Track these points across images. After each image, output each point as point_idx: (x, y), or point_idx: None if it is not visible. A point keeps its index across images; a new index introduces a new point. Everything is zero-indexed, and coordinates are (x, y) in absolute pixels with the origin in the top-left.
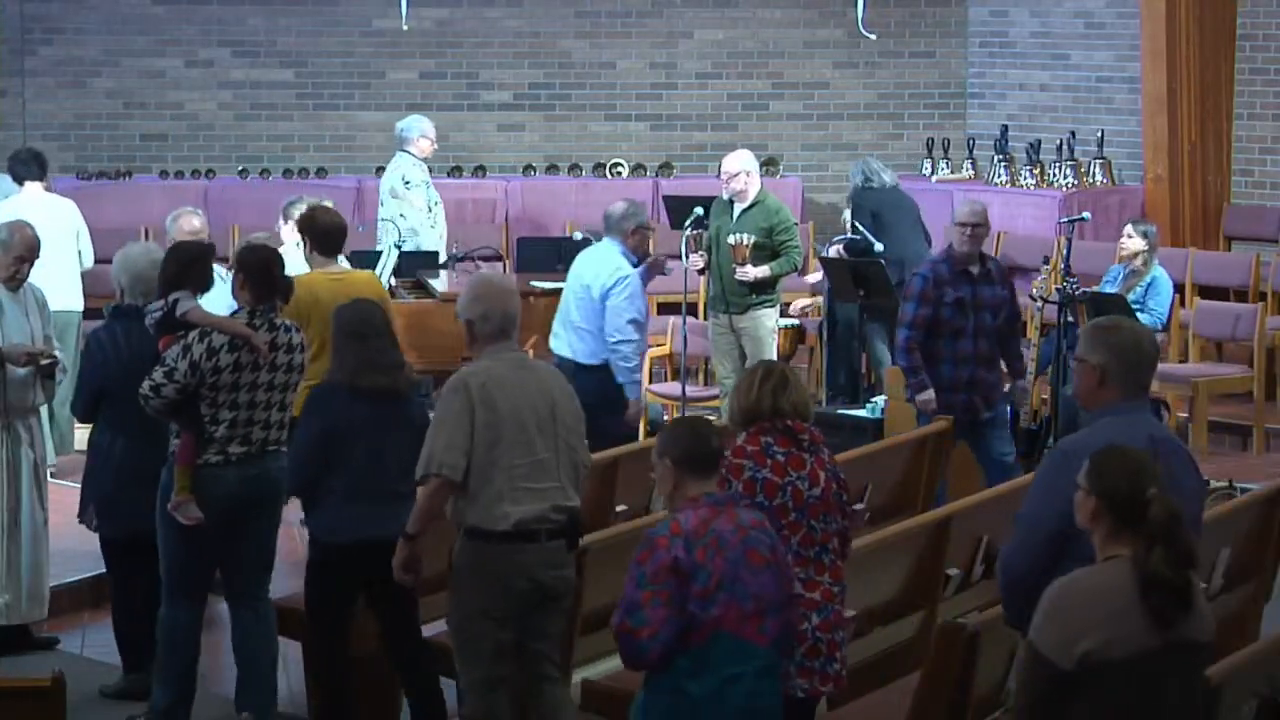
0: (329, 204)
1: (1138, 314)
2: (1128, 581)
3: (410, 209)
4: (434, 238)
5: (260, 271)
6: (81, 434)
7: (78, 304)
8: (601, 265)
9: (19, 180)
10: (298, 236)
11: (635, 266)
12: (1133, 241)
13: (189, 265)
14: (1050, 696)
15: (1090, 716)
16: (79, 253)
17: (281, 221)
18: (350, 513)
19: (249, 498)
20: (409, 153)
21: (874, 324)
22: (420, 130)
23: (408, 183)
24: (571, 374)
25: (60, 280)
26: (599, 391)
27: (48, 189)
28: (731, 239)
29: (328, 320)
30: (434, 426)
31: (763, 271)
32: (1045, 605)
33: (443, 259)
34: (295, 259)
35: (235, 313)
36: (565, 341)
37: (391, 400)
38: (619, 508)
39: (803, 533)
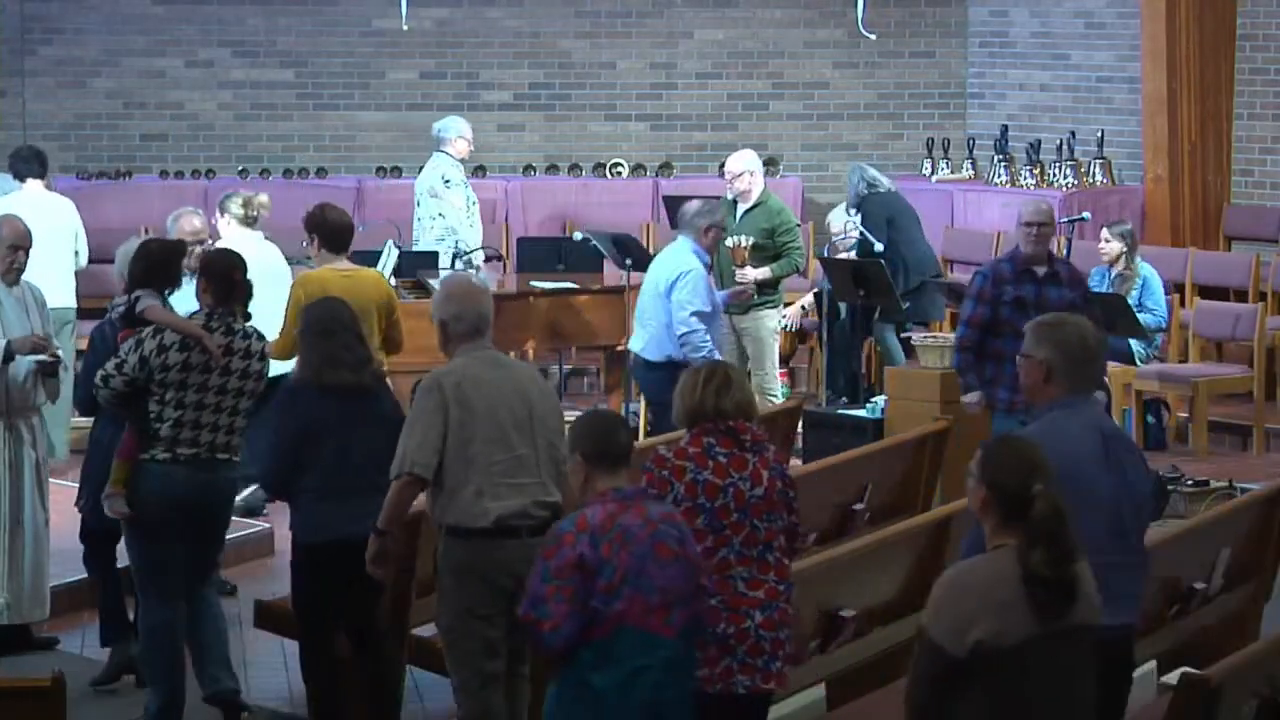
0: (264, 198)
1: (1139, 315)
2: (1013, 571)
3: (449, 208)
4: (473, 236)
5: (222, 276)
6: (79, 434)
7: (72, 301)
8: (670, 262)
9: (19, 178)
10: (234, 230)
11: (707, 265)
12: (1111, 245)
13: (157, 264)
14: (944, 684)
15: (984, 703)
16: (75, 252)
17: (218, 214)
18: (325, 511)
19: (196, 502)
20: (446, 153)
21: (885, 324)
22: (458, 131)
23: (447, 182)
24: (642, 370)
25: (56, 278)
26: (661, 388)
27: (48, 187)
28: (730, 241)
29: None
30: (407, 426)
31: (763, 273)
32: (937, 594)
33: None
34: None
35: (194, 314)
36: (638, 337)
37: (359, 396)
38: None
39: (746, 532)
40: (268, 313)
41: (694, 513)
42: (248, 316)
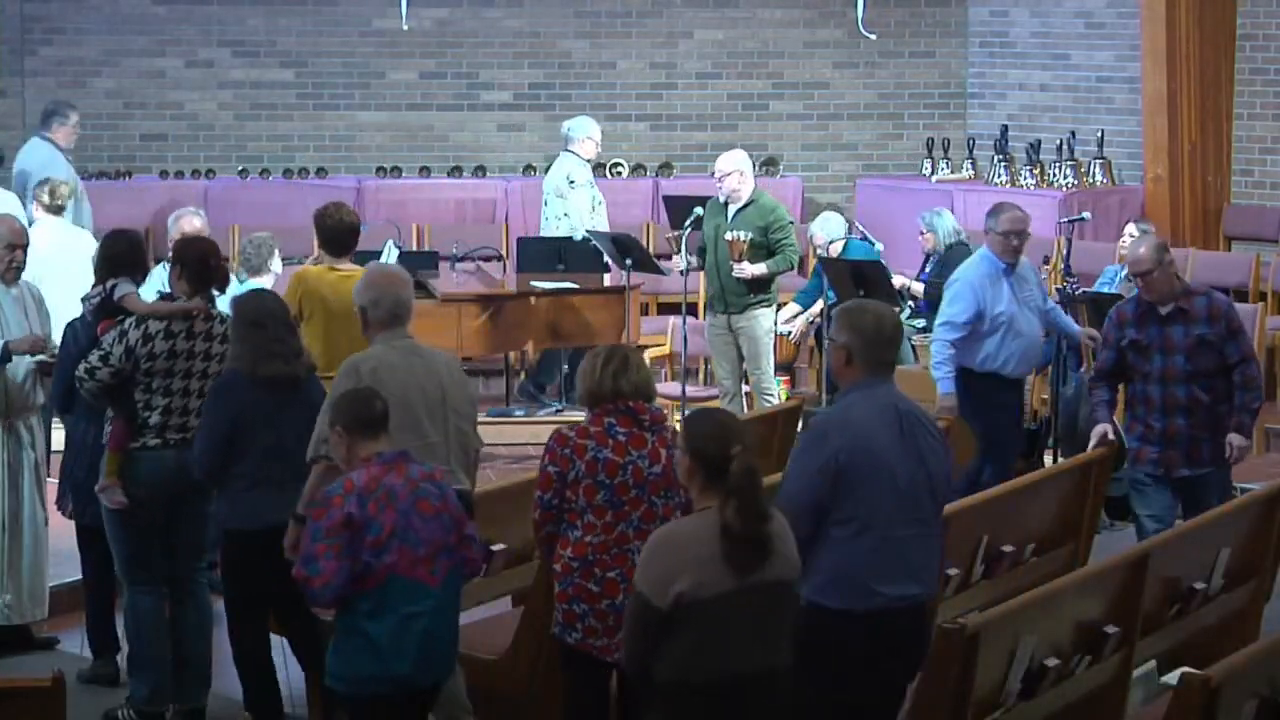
0: (66, 187)
1: None
2: (714, 530)
3: (574, 209)
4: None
5: (197, 263)
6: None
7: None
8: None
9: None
10: (41, 215)
11: (1005, 270)
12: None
13: (124, 253)
14: (651, 632)
15: (685, 650)
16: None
17: (32, 202)
18: (255, 499)
19: (185, 484)
20: (574, 153)
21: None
22: (586, 131)
23: (572, 182)
24: None
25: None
26: None
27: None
28: (729, 235)
29: (332, 313)
30: (324, 410)
31: (759, 269)
32: (645, 552)
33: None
34: (43, 236)
35: (193, 314)
36: None
37: (290, 387)
38: None
39: (644, 508)
40: (70, 294)
41: (594, 489)
42: (213, 300)
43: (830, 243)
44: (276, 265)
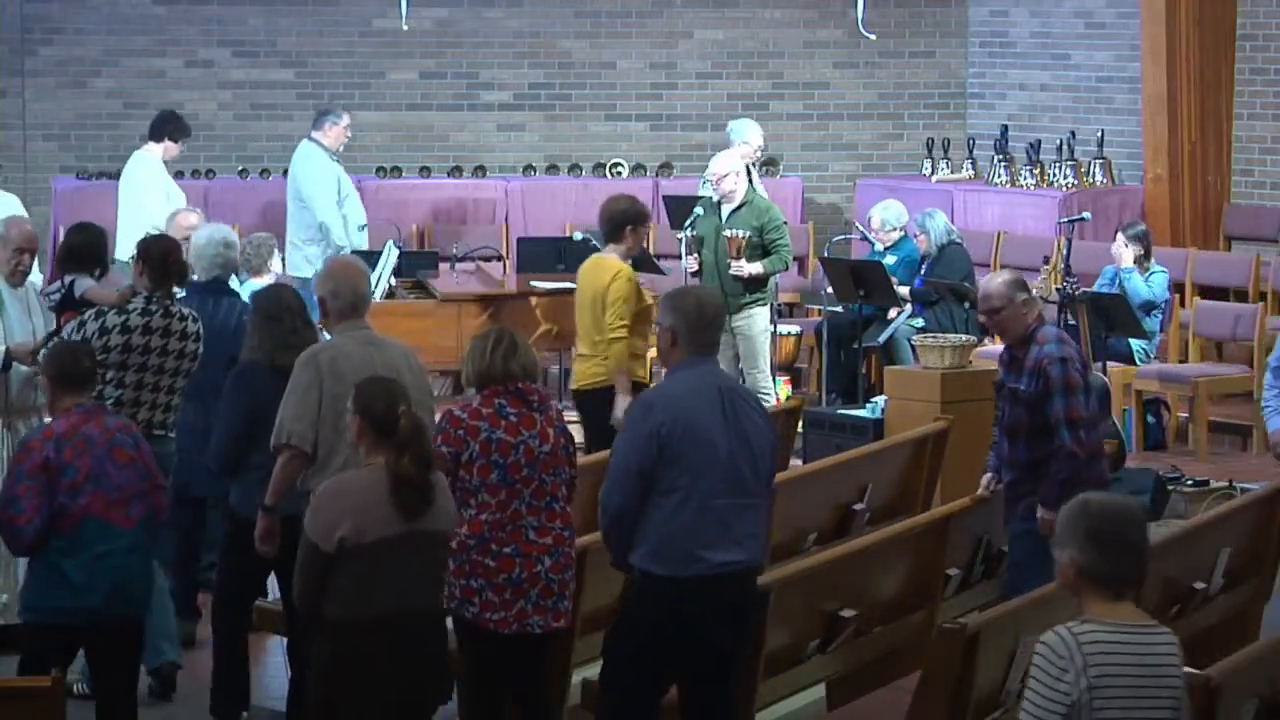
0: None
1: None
2: (380, 482)
3: None
4: None
5: (159, 260)
6: None
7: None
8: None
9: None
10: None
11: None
12: (1125, 251)
13: (78, 248)
14: (318, 572)
15: (350, 590)
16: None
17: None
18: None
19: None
20: None
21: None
22: (743, 136)
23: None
24: None
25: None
26: None
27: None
28: (727, 232)
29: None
30: (285, 398)
31: (756, 268)
32: (313, 501)
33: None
34: None
35: (133, 296)
36: None
37: None
38: None
39: (535, 485)
40: None
41: (488, 469)
42: (172, 297)
43: (886, 230)
44: (276, 265)
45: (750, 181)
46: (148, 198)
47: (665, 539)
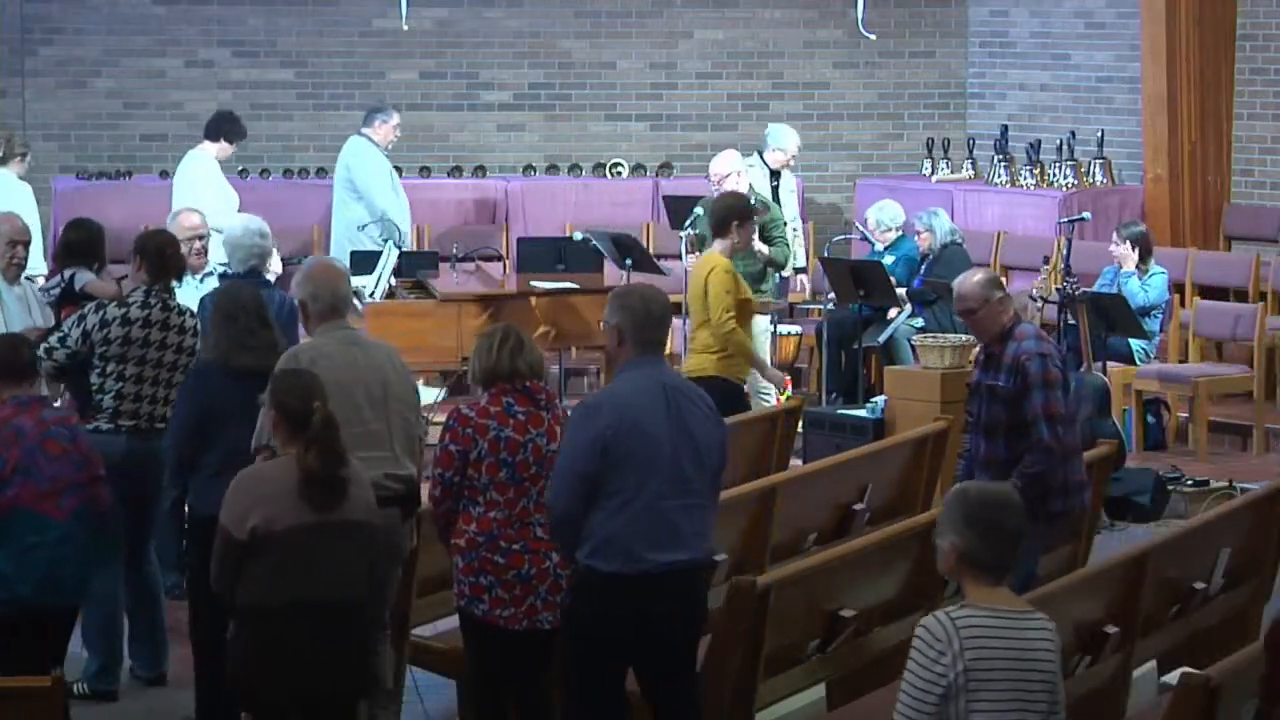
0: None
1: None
2: (292, 472)
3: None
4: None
5: (156, 254)
6: None
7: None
8: None
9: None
10: None
11: None
12: (1120, 249)
13: (78, 243)
14: (232, 559)
15: (262, 577)
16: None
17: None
18: (222, 486)
19: (135, 470)
20: (764, 161)
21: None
22: (776, 142)
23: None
24: None
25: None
26: None
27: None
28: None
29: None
30: (266, 402)
31: (764, 248)
32: (229, 492)
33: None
34: None
35: (131, 291)
36: None
37: (263, 380)
38: None
39: (542, 483)
40: None
41: (496, 467)
42: (171, 291)
43: (881, 230)
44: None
45: (777, 185)
46: (200, 196)
47: (610, 539)
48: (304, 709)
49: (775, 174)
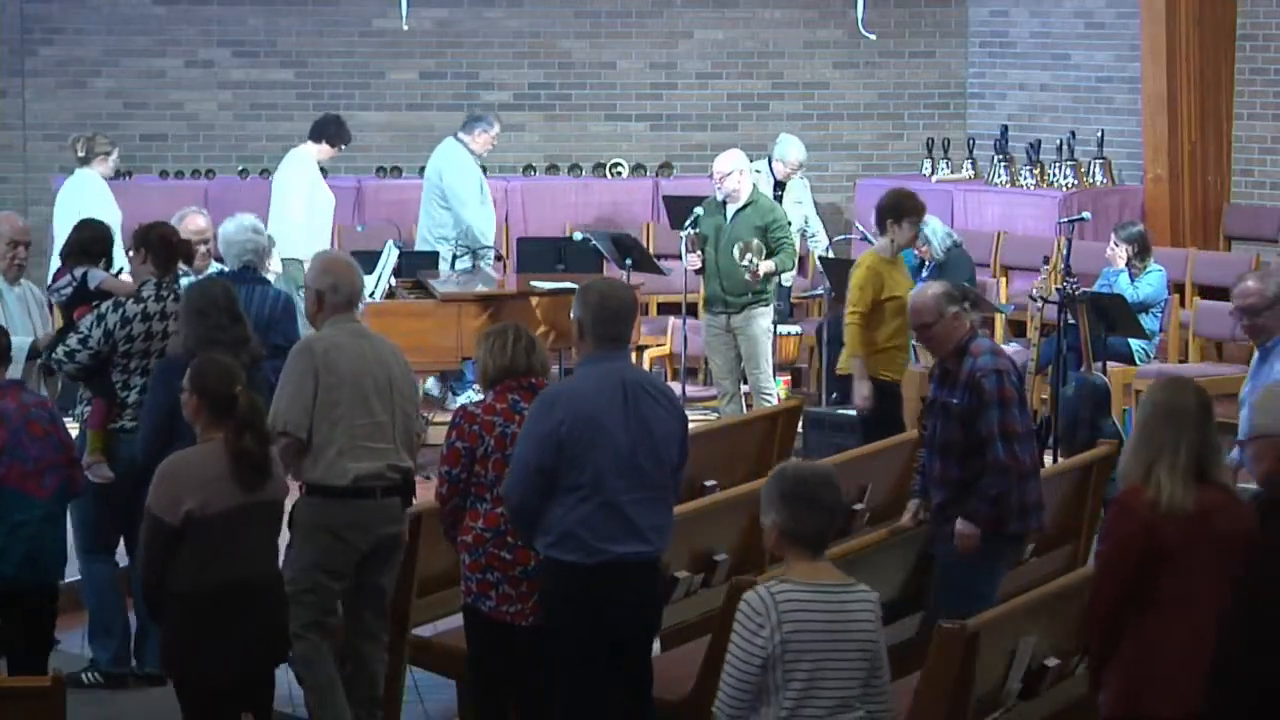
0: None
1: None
2: (219, 457)
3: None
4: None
5: (159, 244)
6: None
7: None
8: None
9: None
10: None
11: None
12: (1117, 251)
13: (88, 241)
14: (164, 544)
15: (195, 561)
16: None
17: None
18: None
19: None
20: (772, 171)
21: None
22: (780, 153)
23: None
24: None
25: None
26: None
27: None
28: (734, 252)
29: None
30: (280, 386)
31: (769, 265)
32: (156, 477)
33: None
34: None
35: (142, 284)
36: None
37: None
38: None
39: None
40: None
41: (503, 463)
42: (179, 281)
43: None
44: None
45: (781, 195)
46: (289, 196)
47: (568, 532)
48: (238, 689)
49: (780, 184)
